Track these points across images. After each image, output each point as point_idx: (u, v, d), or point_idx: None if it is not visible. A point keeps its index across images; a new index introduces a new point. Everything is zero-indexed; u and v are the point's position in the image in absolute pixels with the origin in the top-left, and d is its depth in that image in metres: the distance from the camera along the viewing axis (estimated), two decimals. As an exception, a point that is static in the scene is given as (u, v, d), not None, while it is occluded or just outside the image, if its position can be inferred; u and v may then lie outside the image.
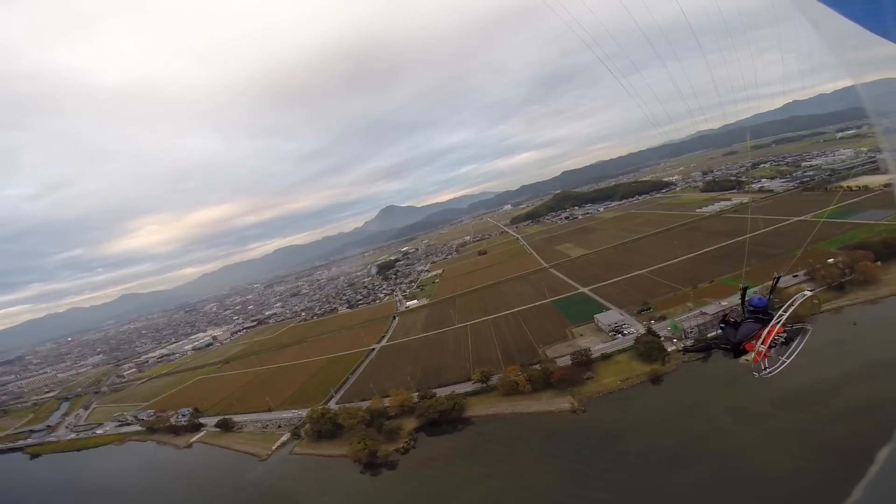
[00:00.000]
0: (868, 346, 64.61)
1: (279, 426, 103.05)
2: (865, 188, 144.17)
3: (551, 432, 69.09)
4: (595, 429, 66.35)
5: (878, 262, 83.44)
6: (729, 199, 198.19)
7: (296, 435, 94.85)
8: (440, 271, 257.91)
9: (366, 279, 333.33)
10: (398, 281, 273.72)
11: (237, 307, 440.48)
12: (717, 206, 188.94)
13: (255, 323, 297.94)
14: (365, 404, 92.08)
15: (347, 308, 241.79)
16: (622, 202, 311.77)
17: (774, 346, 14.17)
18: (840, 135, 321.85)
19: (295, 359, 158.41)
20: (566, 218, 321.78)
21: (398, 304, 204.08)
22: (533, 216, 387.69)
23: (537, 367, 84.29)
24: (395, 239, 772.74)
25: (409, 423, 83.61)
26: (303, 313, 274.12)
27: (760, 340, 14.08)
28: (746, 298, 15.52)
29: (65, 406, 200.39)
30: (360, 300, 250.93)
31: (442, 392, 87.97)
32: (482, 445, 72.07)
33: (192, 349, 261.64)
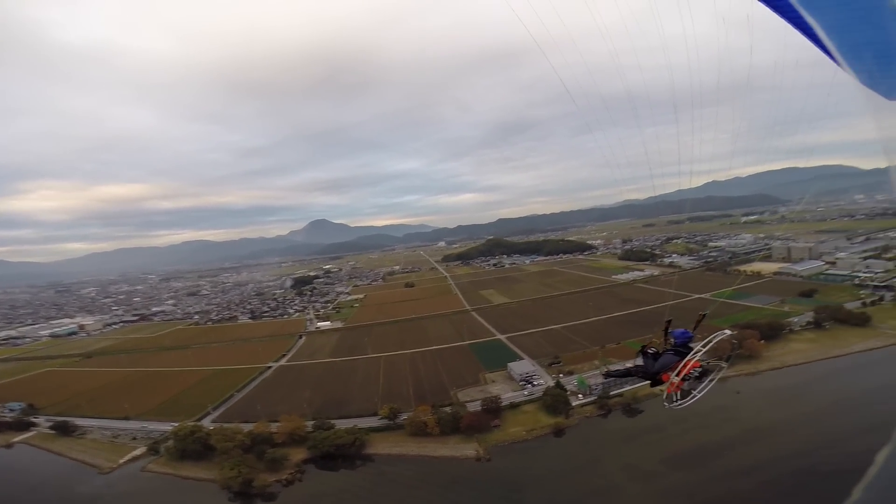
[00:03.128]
0: (748, 414, 71.58)
1: (134, 438, 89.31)
2: (758, 274, 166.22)
3: (455, 479, 65.64)
4: (498, 479, 64.09)
5: (763, 341, 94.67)
6: (642, 270, 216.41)
7: (154, 450, 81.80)
8: (362, 296, 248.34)
9: (277, 291, 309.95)
10: (313, 299, 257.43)
11: (121, 297, 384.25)
12: (630, 275, 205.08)
13: (136, 318, 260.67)
14: (247, 427, 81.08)
15: (249, 318, 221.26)
16: (547, 258, 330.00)
17: (688, 380, 14.58)
18: (744, 219, 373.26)
19: (174, 365, 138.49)
20: (494, 265, 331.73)
21: (308, 322, 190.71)
22: (464, 257, 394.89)
23: (448, 409, 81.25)
24: (320, 255, 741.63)
25: (299, 454, 74.77)
26: (196, 316, 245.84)
27: (675, 373, 14.39)
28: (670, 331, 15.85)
29: None
30: (265, 312, 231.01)
31: (343, 424, 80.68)
32: (381, 486, 66.36)
33: (50, 335, 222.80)
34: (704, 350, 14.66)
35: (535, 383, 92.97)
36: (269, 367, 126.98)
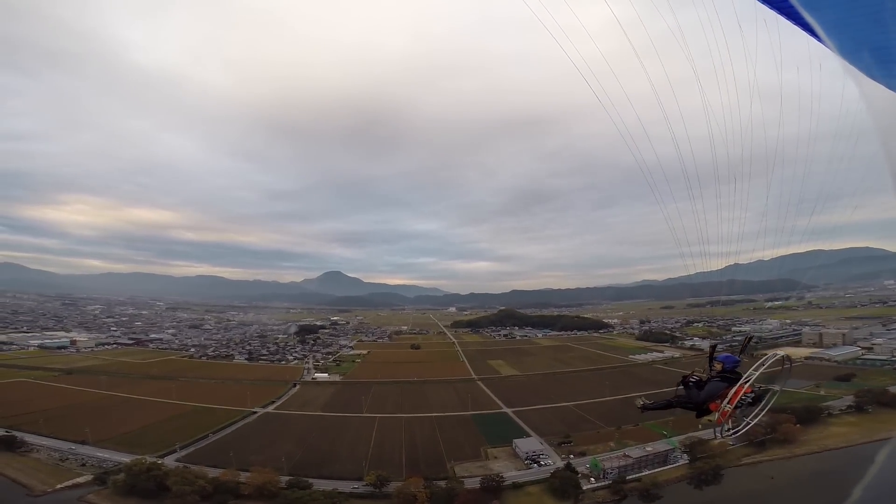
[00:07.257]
0: (783, 499, 67.36)
1: (83, 464, 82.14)
2: (789, 359, 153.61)
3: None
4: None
5: (798, 425, 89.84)
6: (661, 352, 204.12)
7: (100, 480, 73.90)
8: (365, 352, 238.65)
9: (280, 335, 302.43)
10: (315, 348, 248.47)
11: (124, 318, 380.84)
12: (649, 356, 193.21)
13: (132, 341, 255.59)
14: (213, 472, 72.49)
15: (246, 359, 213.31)
16: (561, 333, 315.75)
17: (741, 407, 13.87)
18: (769, 304, 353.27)
19: (154, 395, 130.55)
20: (505, 335, 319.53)
21: (306, 371, 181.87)
22: (474, 325, 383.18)
23: (443, 483, 72.48)
24: (330, 306, 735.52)
25: (262, 511, 65.30)
26: (193, 349, 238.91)
27: (727, 400, 13.60)
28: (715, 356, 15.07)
29: None
30: (263, 355, 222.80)
31: (322, 485, 72.28)
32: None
33: (39, 346, 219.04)
34: (758, 374, 14.01)
35: (542, 463, 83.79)
36: (255, 413, 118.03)
